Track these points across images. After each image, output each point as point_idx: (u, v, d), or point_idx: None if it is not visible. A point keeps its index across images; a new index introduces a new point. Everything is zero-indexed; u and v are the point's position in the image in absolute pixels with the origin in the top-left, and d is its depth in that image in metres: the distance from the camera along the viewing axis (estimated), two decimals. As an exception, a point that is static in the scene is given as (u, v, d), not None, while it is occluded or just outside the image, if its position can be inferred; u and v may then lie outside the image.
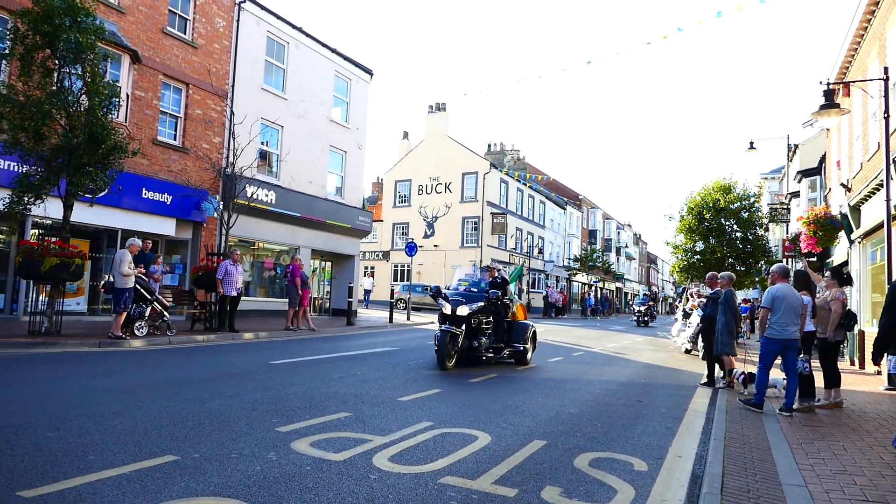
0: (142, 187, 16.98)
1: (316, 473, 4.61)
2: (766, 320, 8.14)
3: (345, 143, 25.82)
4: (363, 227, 26.63)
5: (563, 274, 57.55)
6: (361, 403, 7.41)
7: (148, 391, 7.47)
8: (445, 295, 11.59)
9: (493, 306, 11.74)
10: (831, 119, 10.86)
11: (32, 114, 11.44)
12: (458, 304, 11.08)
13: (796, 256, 23.51)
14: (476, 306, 11.21)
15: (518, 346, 12.25)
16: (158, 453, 4.84)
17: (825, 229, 18.10)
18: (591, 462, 5.41)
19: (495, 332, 11.86)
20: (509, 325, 12.45)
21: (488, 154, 55.48)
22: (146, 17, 17.52)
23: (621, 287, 76.11)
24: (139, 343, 12.38)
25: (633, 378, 11.62)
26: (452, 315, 11.01)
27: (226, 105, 19.95)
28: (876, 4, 13.52)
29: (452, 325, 10.96)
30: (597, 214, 66.15)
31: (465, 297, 11.44)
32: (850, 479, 5.11)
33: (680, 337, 19.16)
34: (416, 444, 5.64)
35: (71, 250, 12.06)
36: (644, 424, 7.27)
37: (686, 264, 29.88)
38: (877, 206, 12.42)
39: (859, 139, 15.29)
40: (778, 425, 7.28)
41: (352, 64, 26.19)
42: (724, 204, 28.72)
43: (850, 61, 16.21)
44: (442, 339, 10.73)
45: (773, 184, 41.47)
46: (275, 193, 21.27)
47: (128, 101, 16.51)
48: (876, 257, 14.12)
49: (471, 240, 43.37)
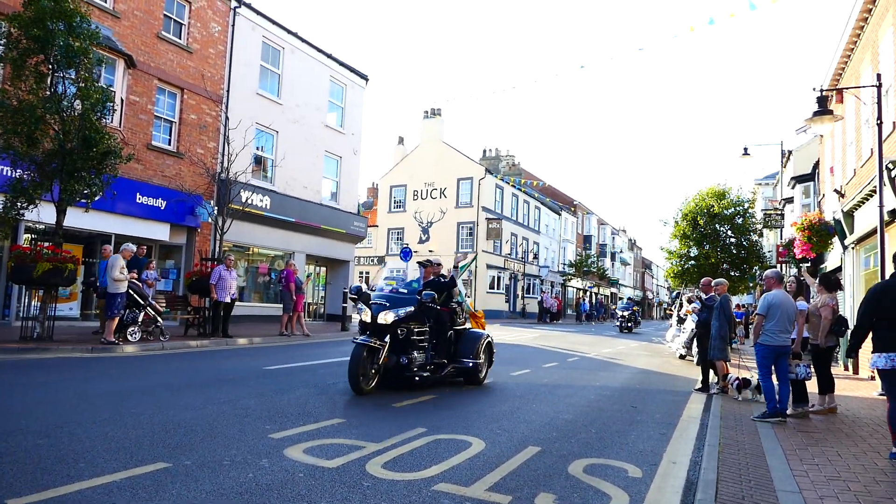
0: (136, 192, 16.94)
1: (309, 480, 4.58)
2: (760, 327, 8.14)
3: (340, 149, 25.81)
4: (358, 233, 26.60)
5: (559, 279, 57.57)
6: (355, 409, 7.38)
7: (140, 397, 7.43)
8: (367, 296, 9.20)
9: (430, 313, 9.47)
10: (825, 125, 10.88)
11: (25, 118, 11.39)
12: (381, 310, 8.78)
13: (790, 262, 23.57)
14: (404, 312, 8.83)
15: (466, 363, 9.89)
16: (150, 460, 4.80)
17: (819, 235, 18.14)
18: (586, 468, 5.39)
19: (436, 345, 9.58)
20: (456, 336, 10.17)
21: (483, 159, 55.58)
22: (141, 22, 17.50)
23: (616, 292, 76.16)
24: (132, 349, 12.31)
25: (627, 384, 11.60)
26: (373, 323, 8.74)
27: (220, 110, 19.93)
28: (869, 12, 13.58)
29: (373, 336, 8.65)
30: (592, 220, 66.26)
31: (390, 300, 9.03)
32: (845, 485, 5.10)
33: (674, 342, 19.15)
34: (410, 451, 5.61)
35: (64, 255, 12.01)
36: (638, 430, 7.26)
37: (680, 270, 29.98)
38: (870, 212, 12.45)
39: (852, 145, 15.34)
40: (772, 431, 7.27)
41: (347, 69, 26.20)
42: (719, 210, 28.84)
43: (844, 68, 16.27)
44: (355, 355, 8.35)
45: (767, 189, 41.58)
46: (269, 198, 21.24)
47: (122, 105, 16.47)
48: (869, 263, 14.14)
49: (466, 245, 43.35)
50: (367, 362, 8.48)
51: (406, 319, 8.92)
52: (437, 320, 9.62)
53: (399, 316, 8.80)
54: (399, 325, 8.84)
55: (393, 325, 8.74)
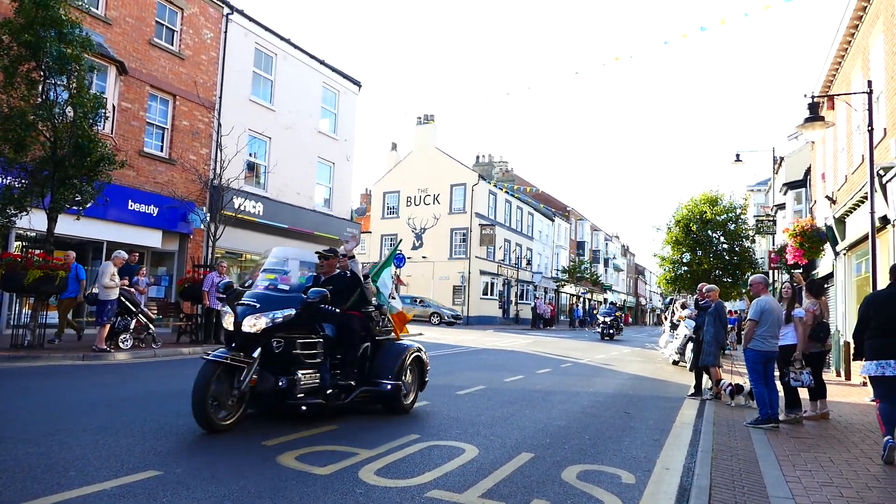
0: (128, 199, 16.88)
1: (301, 488, 4.56)
2: (752, 332, 8.15)
3: (333, 155, 25.80)
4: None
5: (552, 285, 57.65)
6: (348, 416, 7.35)
7: (132, 405, 7.39)
8: (236, 294, 6.82)
9: (330, 319, 7.23)
10: (816, 132, 10.95)
11: (16, 125, 11.34)
12: (248, 314, 6.37)
13: (782, 268, 23.65)
14: (281, 317, 6.43)
15: (383, 385, 7.54)
16: (141, 468, 4.77)
17: (811, 241, 18.21)
18: (579, 475, 5.39)
19: (341, 361, 7.40)
20: (374, 350, 7.87)
21: (476, 165, 55.67)
22: (133, 29, 17.48)
23: (609, 298, 76.31)
24: (123, 356, 12.25)
25: (620, 390, 11.60)
26: (236, 331, 6.38)
27: (213, 116, 19.89)
28: (859, 19, 13.68)
29: (239, 349, 6.34)
30: (585, 226, 66.40)
31: (263, 300, 6.56)
32: (837, 490, 5.11)
33: (668, 348, 19.17)
34: (403, 458, 5.59)
35: (55, 263, 11.95)
36: (632, 436, 7.26)
37: (673, 276, 30.05)
38: (861, 219, 12.50)
39: (844, 152, 15.42)
40: (765, 437, 7.28)
41: (340, 75, 26.21)
42: (711, 216, 28.94)
43: (835, 74, 16.38)
44: (202, 377, 5.98)
45: (759, 196, 41.73)
46: (262, 205, 21.20)
47: (114, 112, 16.43)
48: (861, 269, 14.21)
49: (459, 251, 43.38)
50: (224, 386, 6.17)
51: (285, 327, 6.51)
52: (345, 329, 7.42)
53: (274, 322, 6.36)
54: (274, 334, 6.43)
55: (265, 334, 6.34)
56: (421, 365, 8.39)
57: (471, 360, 15.66)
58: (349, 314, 7.55)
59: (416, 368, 8.28)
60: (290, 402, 6.51)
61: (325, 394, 6.87)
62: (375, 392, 7.65)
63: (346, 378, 7.34)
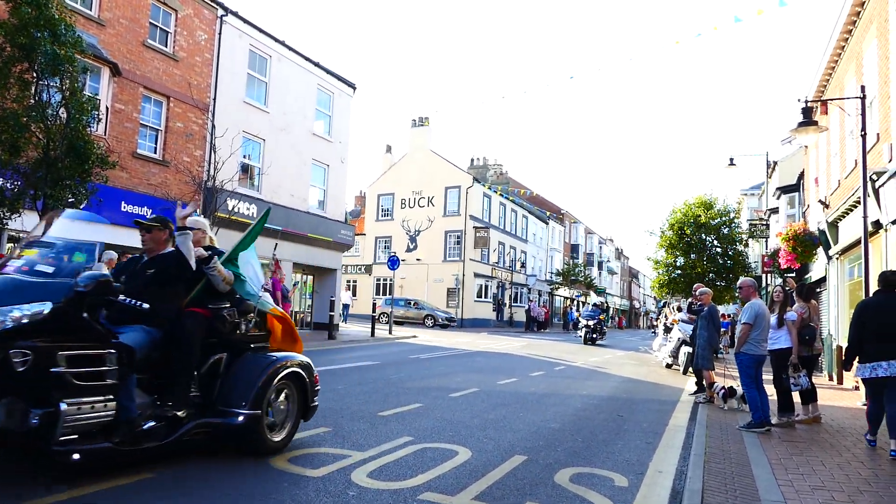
0: (121, 200, 16.80)
1: (293, 490, 4.55)
2: (747, 336, 8.16)
3: (327, 157, 25.78)
4: (345, 241, 26.55)
5: (546, 288, 57.70)
6: (341, 418, 7.35)
7: (124, 407, 7.34)
8: None
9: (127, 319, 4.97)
10: (809, 136, 10.98)
11: (9, 126, 11.29)
12: None
13: (775, 272, 23.72)
14: (28, 316, 4.17)
15: (232, 416, 5.29)
16: (133, 471, 4.75)
17: (804, 245, 18.28)
18: (572, 477, 5.39)
19: (170, 380, 5.12)
20: (230, 362, 5.63)
21: (471, 168, 55.69)
22: (127, 30, 17.43)
23: (604, 301, 76.41)
24: (116, 358, 12.16)
25: (614, 393, 11.61)
26: None
27: (207, 118, 19.85)
28: (853, 24, 13.74)
29: None
30: (579, 229, 66.51)
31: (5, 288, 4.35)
32: (829, 494, 5.12)
33: (661, 351, 19.21)
34: (396, 460, 5.59)
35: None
36: (625, 439, 7.26)
37: (667, 279, 30.11)
38: (854, 223, 12.55)
39: (837, 156, 15.48)
40: (758, 440, 7.30)
41: (334, 77, 26.20)
42: (705, 220, 29.02)
43: (828, 79, 16.44)
44: None
45: (752, 200, 41.84)
46: (256, 207, 21.16)
47: (107, 113, 16.37)
48: (853, 273, 14.26)
49: (453, 254, 43.38)
50: None
51: (41, 331, 4.19)
52: (179, 334, 5.17)
53: (17, 323, 4.10)
54: (19, 342, 4.05)
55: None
56: (302, 385, 5.95)
57: (464, 362, 15.65)
58: (189, 311, 5.37)
59: (293, 390, 5.89)
60: (54, 448, 4.11)
61: (128, 431, 4.52)
62: (220, 425, 5.26)
63: (176, 405, 4.99)
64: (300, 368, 5.94)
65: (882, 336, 6.55)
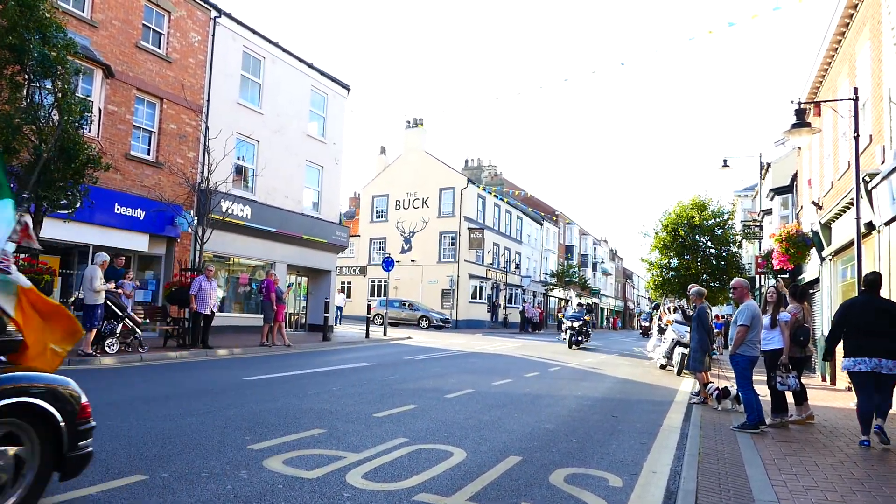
0: (114, 202, 16.75)
1: (288, 492, 4.54)
2: (744, 338, 8.17)
3: (321, 158, 25.76)
4: (340, 242, 26.52)
5: (540, 289, 57.74)
6: (336, 420, 7.34)
7: (118, 409, 7.33)
8: None
9: None
10: (802, 138, 11.02)
11: (1, 129, 11.25)
12: None
13: (768, 273, 23.80)
14: None
15: None
16: (127, 473, 4.74)
17: (797, 246, 18.33)
18: (567, 478, 5.40)
19: None
20: None
21: (465, 169, 55.74)
22: (119, 32, 17.38)
23: (598, 302, 76.53)
24: (110, 360, 12.17)
25: (608, 393, 11.63)
26: None
27: (201, 120, 19.80)
28: (846, 26, 13.79)
29: None
30: (573, 230, 66.58)
31: None
32: (822, 494, 5.14)
33: (655, 352, 19.24)
34: (391, 461, 5.58)
35: (40, 266, 11.86)
36: (619, 440, 7.28)
37: (661, 280, 30.19)
38: (847, 224, 12.60)
39: (830, 158, 15.54)
40: (751, 441, 7.32)
41: (328, 79, 26.19)
42: (699, 221, 29.12)
43: (822, 81, 16.50)
44: None
45: (746, 201, 42.00)
46: (250, 208, 21.12)
47: (100, 115, 16.31)
48: (846, 274, 14.30)
49: (448, 255, 43.37)
50: None
51: None
52: None
53: None
54: None
55: None
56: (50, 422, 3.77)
57: (459, 363, 15.65)
58: None
59: (31, 429, 3.71)
60: None
61: None
62: None
63: None
64: (42, 399, 3.71)
65: (865, 333, 7.09)
